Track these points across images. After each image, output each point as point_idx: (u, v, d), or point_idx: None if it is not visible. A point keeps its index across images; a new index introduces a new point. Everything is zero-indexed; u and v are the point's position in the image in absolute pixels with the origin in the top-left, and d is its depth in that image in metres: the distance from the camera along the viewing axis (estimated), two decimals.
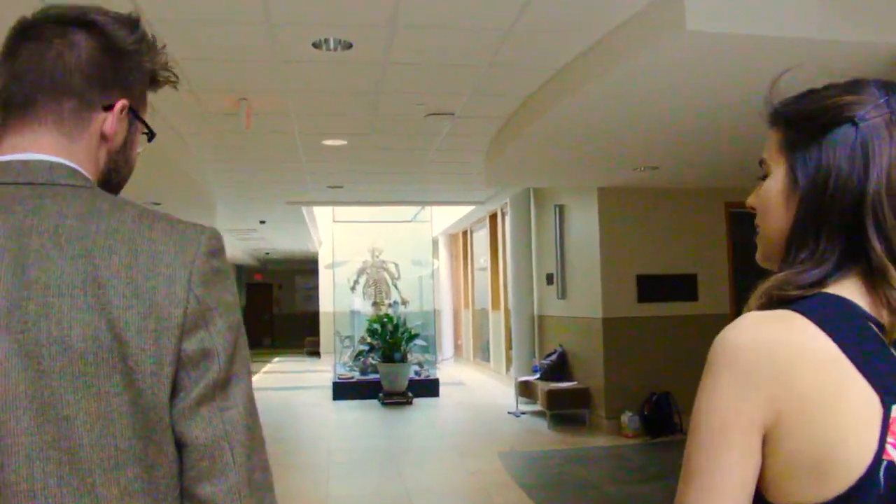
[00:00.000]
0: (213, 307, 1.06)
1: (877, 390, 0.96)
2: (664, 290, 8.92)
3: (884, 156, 1.02)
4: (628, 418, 8.63)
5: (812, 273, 1.04)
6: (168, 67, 1.24)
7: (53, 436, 0.96)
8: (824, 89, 1.10)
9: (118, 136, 1.17)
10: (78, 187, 1.08)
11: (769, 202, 1.12)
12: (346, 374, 13.04)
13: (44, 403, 0.96)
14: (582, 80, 4.77)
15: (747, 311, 1.05)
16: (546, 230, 10.56)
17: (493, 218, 14.00)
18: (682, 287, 8.98)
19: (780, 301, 1.03)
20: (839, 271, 1.04)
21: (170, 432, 1.02)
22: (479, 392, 12.95)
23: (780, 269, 1.08)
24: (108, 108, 1.15)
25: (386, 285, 14.50)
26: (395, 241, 15.18)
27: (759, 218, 1.15)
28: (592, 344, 9.14)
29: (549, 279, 10.41)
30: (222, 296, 1.07)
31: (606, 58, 4.39)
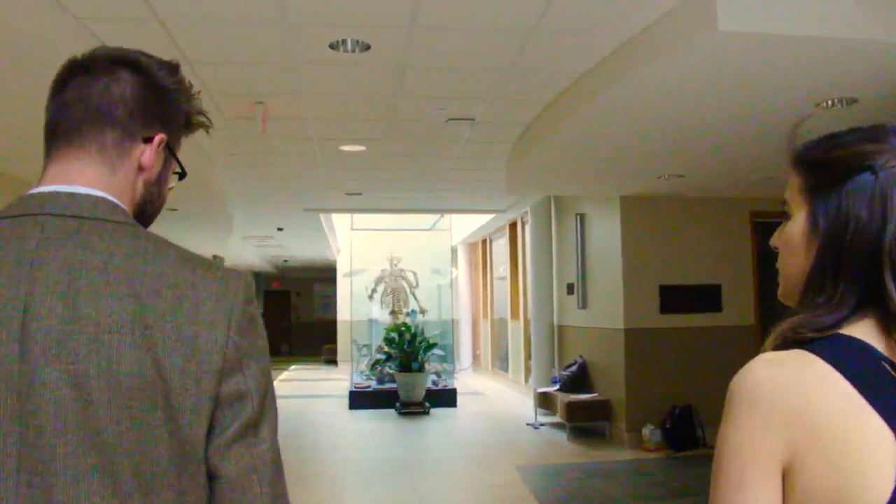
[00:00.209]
0: (249, 353, 1.15)
1: (892, 427, 0.98)
2: (688, 301, 8.77)
3: None
4: (650, 431, 8.47)
5: (828, 318, 1.06)
6: (203, 112, 1.33)
7: (98, 461, 1.03)
8: (846, 134, 1.13)
9: (154, 169, 1.25)
10: (120, 223, 1.15)
11: (791, 244, 1.15)
12: (363, 382, 12.96)
13: (90, 430, 1.04)
14: (607, 83, 4.63)
15: (763, 352, 1.08)
16: (567, 239, 10.44)
17: (512, 227, 13.91)
18: (706, 298, 8.83)
19: (795, 343, 1.06)
20: (854, 315, 1.06)
21: (203, 463, 1.11)
22: (497, 403, 12.83)
23: (798, 310, 1.11)
24: (147, 141, 1.23)
25: (404, 294, 14.43)
26: (413, 250, 15.11)
27: (780, 257, 1.18)
28: (614, 355, 8.99)
29: (570, 289, 10.27)
30: (256, 342, 1.17)
31: (634, 60, 4.25)
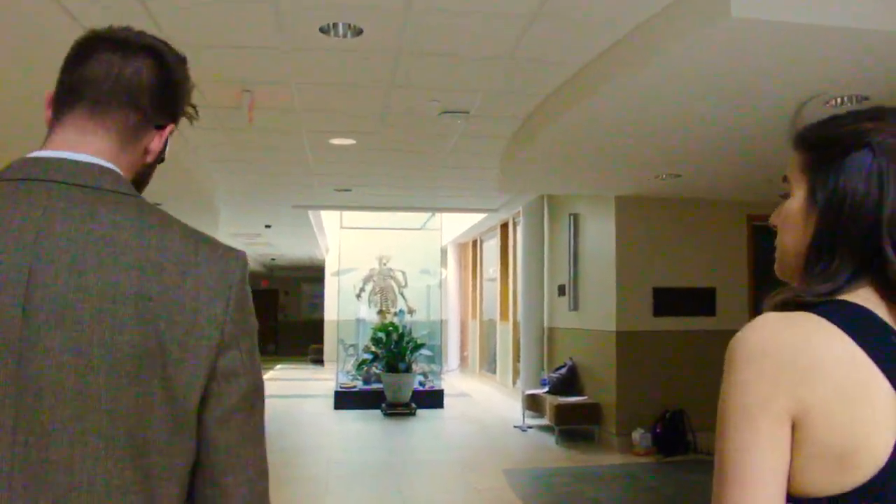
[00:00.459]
0: (245, 329, 1.20)
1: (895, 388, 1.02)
2: (681, 304, 8.65)
3: None
4: (640, 436, 8.33)
5: (825, 285, 1.09)
6: (193, 104, 1.38)
7: (94, 425, 1.07)
8: (846, 115, 1.16)
9: (155, 154, 1.30)
10: (124, 195, 1.18)
11: (789, 220, 1.18)
12: (349, 383, 12.78)
13: (89, 396, 1.07)
14: (610, 75, 4.47)
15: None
16: (559, 240, 10.29)
17: (503, 227, 13.80)
18: (700, 301, 8.71)
19: (796, 307, 1.09)
20: (852, 283, 1.09)
21: (193, 431, 1.15)
22: (485, 404, 12.68)
23: (799, 283, 1.15)
24: (159, 128, 1.28)
25: (392, 293, 14.27)
26: (403, 249, 14.96)
27: (779, 234, 1.21)
28: (605, 358, 8.84)
29: (561, 290, 10.13)
30: (250, 318, 1.23)
31: (641, 49, 4.09)
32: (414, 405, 11.63)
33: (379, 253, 14.44)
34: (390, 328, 12.66)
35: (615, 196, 8.62)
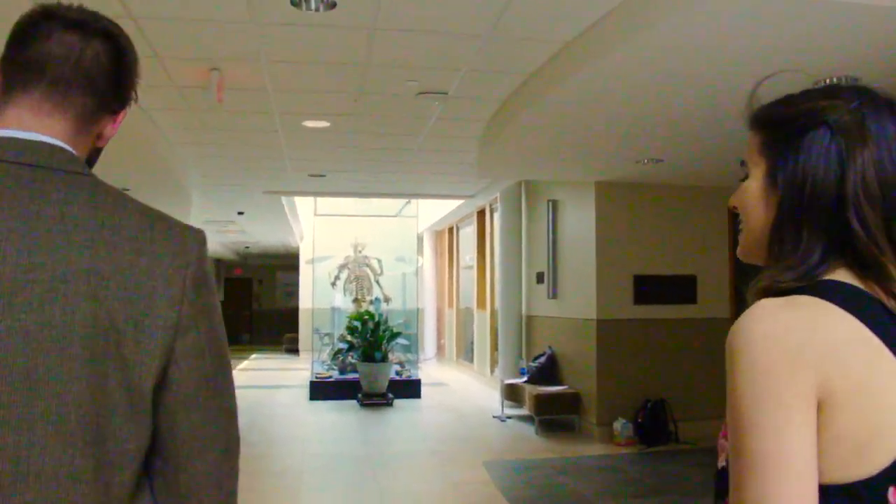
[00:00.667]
0: (203, 310, 1.16)
1: None
2: (662, 292, 8.51)
3: (857, 159, 1.06)
4: (621, 426, 8.21)
5: (801, 266, 1.07)
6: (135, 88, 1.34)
7: (44, 408, 1.03)
8: (801, 94, 1.15)
9: (107, 139, 1.28)
10: (77, 174, 1.14)
11: (750, 202, 1.16)
12: (324, 373, 12.55)
13: (38, 380, 1.03)
14: (593, 53, 4.29)
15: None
16: (538, 227, 10.12)
17: (480, 214, 13.63)
18: (680, 289, 8.59)
19: (780, 293, 1.05)
20: (825, 263, 1.07)
21: (149, 416, 1.12)
22: (463, 394, 12.52)
23: (766, 265, 1.13)
24: (113, 113, 1.25)
25: (368, 281, 14.04)
26: (378, 237, 14.73)
27: (741, 216, 1.19)
28: (585, 346, 8.70)
29: (540, 278, 9.97)
30: (210, 298, 1.19)
31: (625, 25, 3.91)
32: (391, 395, 11.44)
33: (354, 240, 14.21)
34: (366, 317, 12.44)
35: (595, 182, 8.45)
